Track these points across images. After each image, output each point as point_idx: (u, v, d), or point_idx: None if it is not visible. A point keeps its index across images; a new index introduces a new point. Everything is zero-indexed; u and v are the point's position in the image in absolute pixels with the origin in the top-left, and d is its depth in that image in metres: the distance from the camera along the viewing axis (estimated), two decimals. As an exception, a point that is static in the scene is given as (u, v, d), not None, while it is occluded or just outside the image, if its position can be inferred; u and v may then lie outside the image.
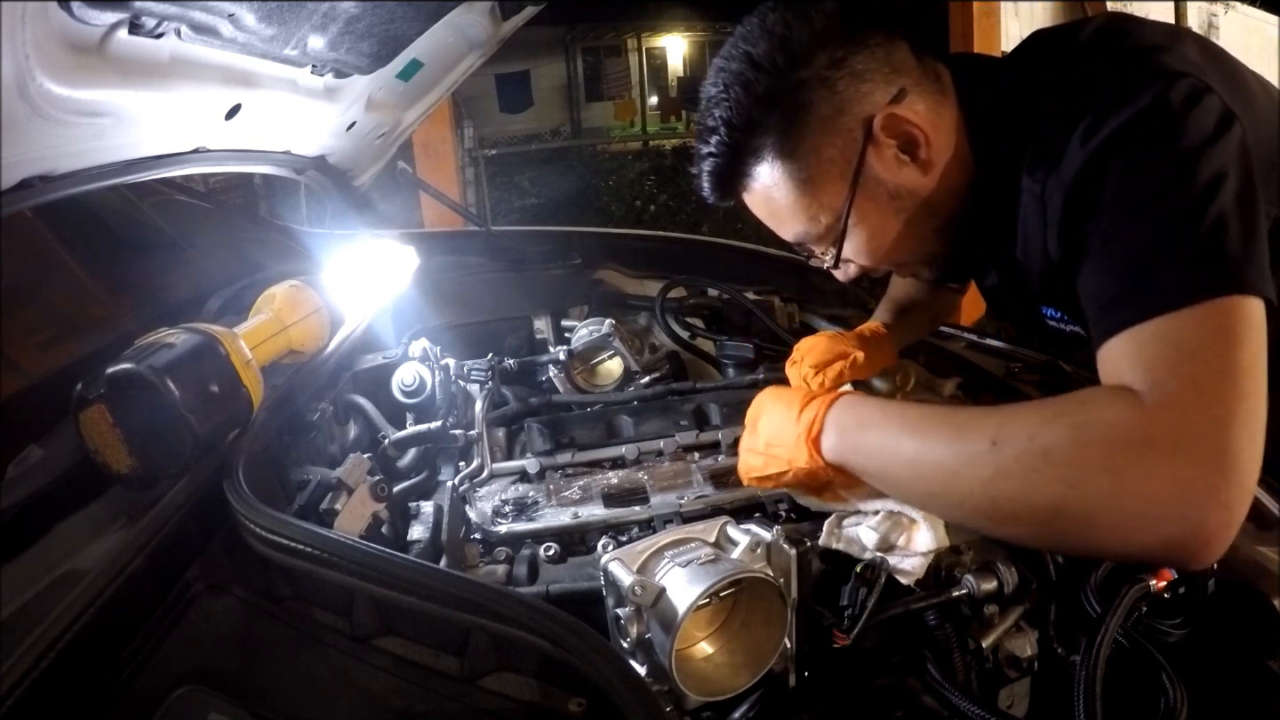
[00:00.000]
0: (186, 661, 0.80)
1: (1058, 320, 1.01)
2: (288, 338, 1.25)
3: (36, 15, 0.73)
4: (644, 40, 17.65)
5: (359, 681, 0.83)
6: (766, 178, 0.90)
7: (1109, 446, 0.64)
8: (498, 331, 1.84)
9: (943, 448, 0.73)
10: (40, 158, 0.86)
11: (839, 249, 0.92)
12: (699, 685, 0.81)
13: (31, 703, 0.67)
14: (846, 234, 0.90)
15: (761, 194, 0.92)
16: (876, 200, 0.88)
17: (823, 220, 0.90)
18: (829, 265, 0.99)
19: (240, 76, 1.10)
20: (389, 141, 1.79)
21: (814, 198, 0.88)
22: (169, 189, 1.72)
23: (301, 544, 0.82)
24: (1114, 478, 0.63)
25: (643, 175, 10.08)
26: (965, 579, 0.93)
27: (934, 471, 0.74)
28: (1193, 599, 0.93)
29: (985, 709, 0.84)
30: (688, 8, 16.69)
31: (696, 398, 1.37)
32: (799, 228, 0.93)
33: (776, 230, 0.97)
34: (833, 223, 0.90)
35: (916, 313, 1.37)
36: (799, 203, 0.90)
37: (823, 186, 0.87)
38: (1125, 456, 0.63)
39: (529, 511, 1.10)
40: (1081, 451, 0.65)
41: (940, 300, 1.40)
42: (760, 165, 0.89)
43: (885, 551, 0.91)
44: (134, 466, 0.87)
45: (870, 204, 0.88)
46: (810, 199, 0.89)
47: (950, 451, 0.72)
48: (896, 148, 0.86)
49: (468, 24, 1.50)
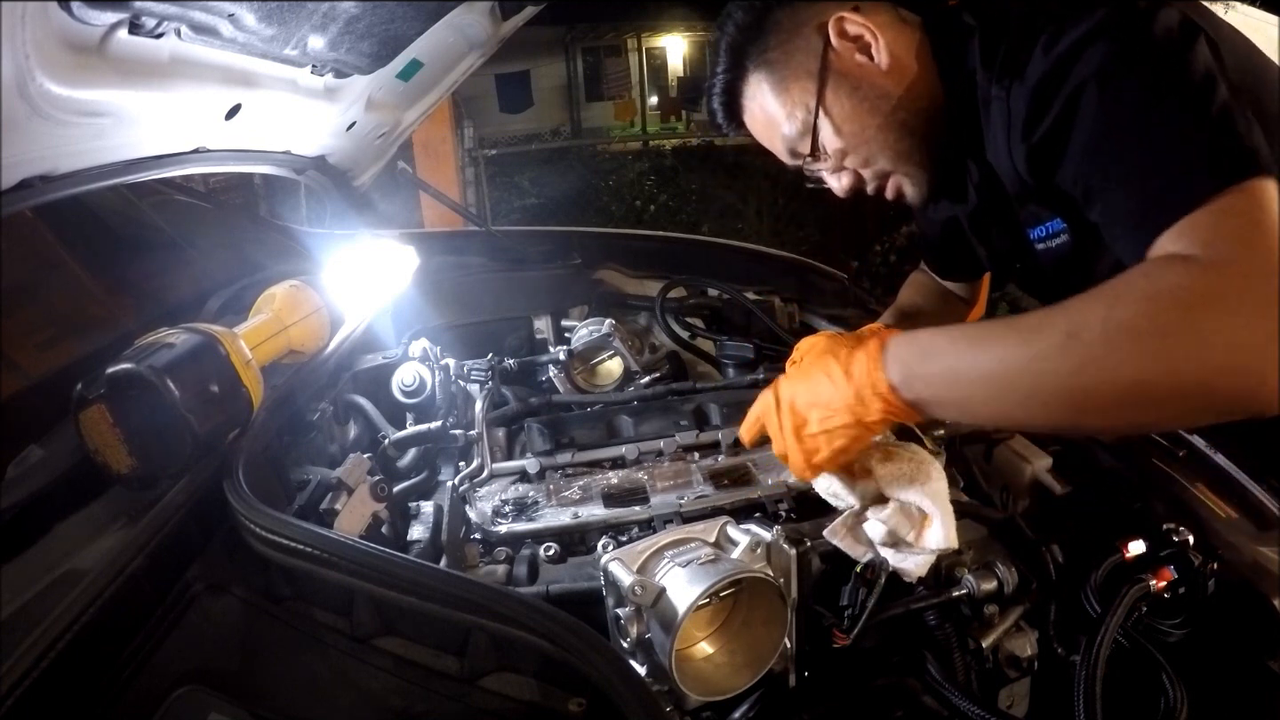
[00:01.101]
0: (186, 661, 0.80)
1: (1043, 239, 1.02)
2: (288, 338, 1.25)
3: (36, 15, 0.73)
4: (644, 40, 17.63)
5: (359, 681, 0.83)
6: (755, 89, 1.05)
7: (1185, 308, 0.65)
8: (498, 331, 1.84)
9: (1019, 353, 0.72)
10: (40, 158, 0.86)
11: (814, 139, 1.02)
12: (699, 685, 0.81)
13: (31, 703, 0.67)
14: (819, 119, 1.00)
15: (755, 107, 1.06)
16: (840, 91, 0.99)
17: (799, 116, 1.02)
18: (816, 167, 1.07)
19: (240, 76, 1.10)
20: (389, 141, 1.79)
21: (790, 95, 1.01)
22: (169, 189, 1.72)
23: (301, 544, 0.82)
24: (1197, 336, 0.64)
25: (643, 175, 10.07)
26: (965, 579, 0.93)
27: (1017, 379, 0.73)
28: (1193, 599, 0.93)
29: (985, 709, 0.84)
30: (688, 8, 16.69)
31: (696, 398, 1.37)
32: (784, 130, 1.04)
33: (772, 147, 1.09)
34: (806, 115, 1.01)
35: (920, 321, 1.37)
36: (779, 101, 1.03)
37: (795, 85, 1.01)
38: (1203, 313, 0.64)
39: (529, 511, 1.10)
40: (1161, 319, 0.65)
41: (947, 311, 1.40)
42: (749, 83, 1.05)
43: (892, 546, 0.90)
44: (134, 466, 0.87)
45: (835, 95, 1.00)
46: (787, 97, 1.02)
47: (1028, 355, 0.71)
48: (855, 49, 0.98)
49: (468, 24, 1.50)
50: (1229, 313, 0.64)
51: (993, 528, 1.04)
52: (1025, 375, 0.72)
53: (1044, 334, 0.71)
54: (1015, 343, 0.72)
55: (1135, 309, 0.66)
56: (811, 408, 0.88)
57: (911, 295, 1.42)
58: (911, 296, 1.41)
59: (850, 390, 0.84)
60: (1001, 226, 1.09)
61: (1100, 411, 0.71)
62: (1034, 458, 1.17)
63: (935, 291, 1.42)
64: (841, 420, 0.85)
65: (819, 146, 1.02)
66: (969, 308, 1.44)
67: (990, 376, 0.74)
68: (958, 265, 1.38)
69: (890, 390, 0.80)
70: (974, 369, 0.75)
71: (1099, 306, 0.68)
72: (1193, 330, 0.64)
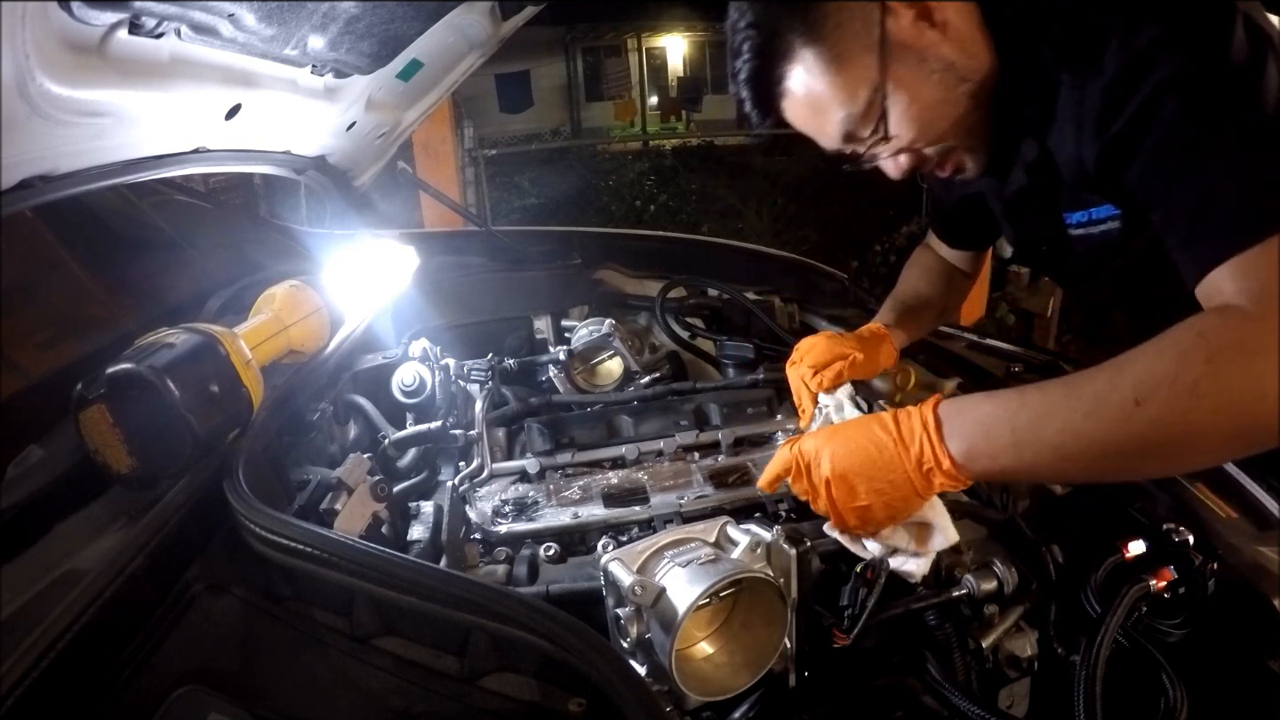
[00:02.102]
0: (186, 661, 0.80)
1: (1083, 224, 1.02)
2: (288, 338, 1.25)
3: (36, 15, 0.73)
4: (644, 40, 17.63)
5: (359, 681, 0.83)
6: (801, 69, 0.92)
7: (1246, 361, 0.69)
8: (498, 331, 1.84)
9: (1086, 425, 0.74)
10: (40, 158, 0.86)
11: (884, 122, 0.93)
12: (699, 685, 0.81)
13: (31, 703, 0.67)
14: (888, 101, 0.91)
15: (800, 90, 0.94)
16: (906, 64, 0.90)
17: (861, 95, 0.91)
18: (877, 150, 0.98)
19: (240, 76, 1.10)
20: (389, 141, 1.79)
21: (849, 73, 0.90)
22: (169, 189, 1.72)
23: (301, 544, 0.82)
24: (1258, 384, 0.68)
25: (643, 175, 10.07)
26: (965, 579, 0.93)
27: (1088, 448, 0.74)
28: (1193, 599, 0.93)
29: (985, 709, 0.84)
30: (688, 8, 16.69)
31: (696, 398, 1.37)
32: (841, 111, 0.93)
33: (820, 133, 0.98)
34: (871, 95, 0.91)
35: (920, 310, 1.37)
36: (836, 81, 0.91)
37: (854, 60, 0.90)
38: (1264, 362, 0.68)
39: (529, 511, 1.10)
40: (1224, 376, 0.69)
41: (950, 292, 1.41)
42: (792, 62, 0.92)
43: (890, 554, 0.90)
44: (134, 466, 0.87)
45: (902, 69, 0.90)
46: (846, 75, 0.91)
47: (1097, 426, 0.73)
48: (914, 15, 0.89)
49: (468, 24, 1.50)
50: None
51: (993, 528, 1.04)
52: (1095, 444, 0.74)
53: (1110, 402, 0.72)
54: (1082, 412, 0.74)
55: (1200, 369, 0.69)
56: (860, 479, 0.86)
57: (914, 281, 1.41)
58: (913, 283, 1.41)
59: (909, 465, 0.83)
60: (1039, 209, 1.07)
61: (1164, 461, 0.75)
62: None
63: (938, 272, 1.42)
64: (900, 493, 0.85)
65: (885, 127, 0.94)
66: (970, 281, 1.45)
67: (1058, 447, 0.75)
68: (970, 236, 1.38)
69: (954, 467, 0.81)
70: (1040, 441, 0.76)
71: (1164, 367, 0.71)
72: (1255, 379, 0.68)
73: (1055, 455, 0.76)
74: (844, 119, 0.94)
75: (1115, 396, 0.72)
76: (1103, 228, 1.00)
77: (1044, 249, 1.16)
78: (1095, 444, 0.73)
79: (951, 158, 1.01)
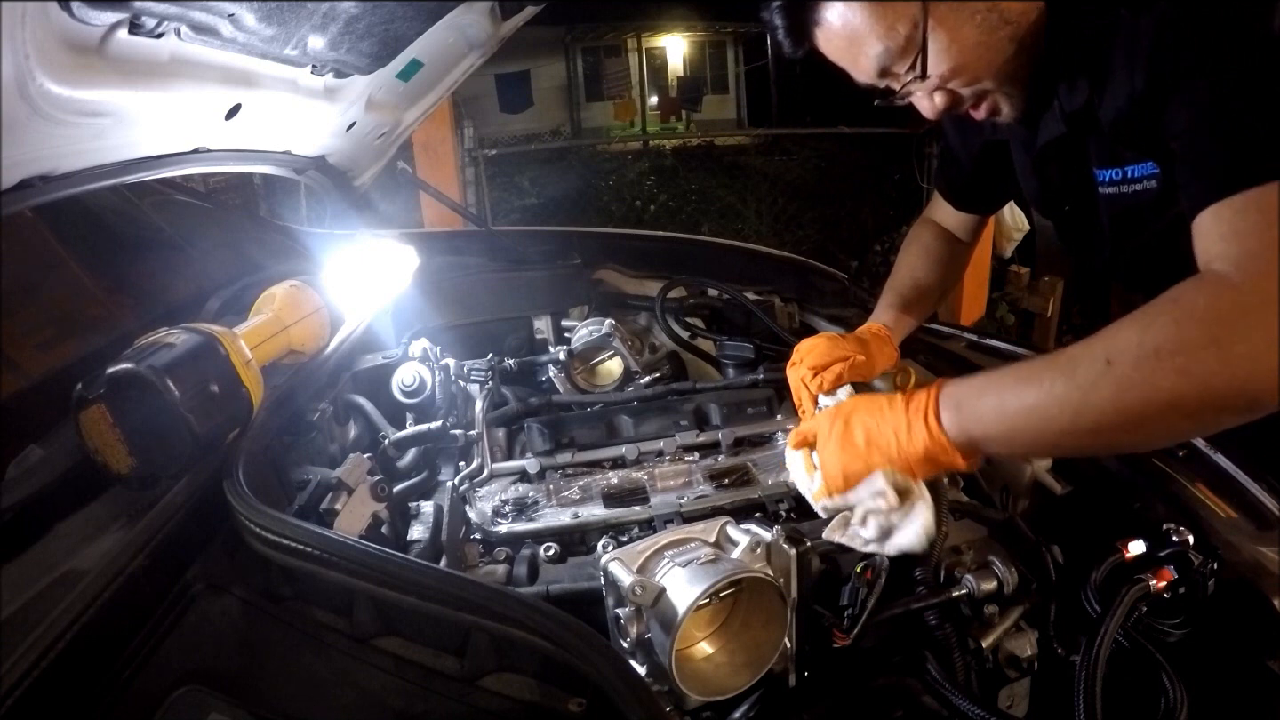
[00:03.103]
0: (186, 661, 0.79)
1: (1115, 183, 1.02)
2: (288, 338, 1.25)
3: (36, 15, 0.73)
4: (644, 40, 17.63)
5: (359, 681, 0.83)
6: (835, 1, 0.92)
7: (1208, 324, 0.70)
8: (498, 331, 1.84)
9: (1062, 385, 0.75)
10: (40, 158, 0.86)
11: (923, 58, 0.92)
12: (699, 685, 0.81)
13: (31, 703, 0.67)
14: (928, 38, 0.91)
15: (836, 21, 0.93)
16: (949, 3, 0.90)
17: (901, 30, 0.91)
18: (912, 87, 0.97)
19: (240, 76, 1.10)
20: (389, 141, 1.79)
21: (889, 7, 0.90)
22: (169, 189, 1.72)
23: (301, 544, 0.82)
24: (1219, 349, 0.68)
25: (643, 175, 10.08)
26: (965, 579, 0.93)
27: (1061, 409, 0.76)
28: (1193, 599, 0.93)
29: (985, 709, 0.84)
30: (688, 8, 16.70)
31: (696, 398, 1.37)
32: (878, 45, 0.93)
33: (854, 65, 0.97)
34: (911, 31, 0.91)
35: (919, 298, 1.37)
36: (875, 14, 0.91)
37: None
38: (1224, 327, 0.69)
39: (529, 511, 1.10)
40: (1186, 337, 0.70)
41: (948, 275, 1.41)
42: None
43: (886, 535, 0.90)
44: (134, 466, 0.87)
45: (944, 8, 0.90)
46: (886, 9, 0.90)
47: (1071, 385, 0.75)
48: None
49: (468, 24, 1.50)
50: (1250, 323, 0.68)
51: (993, 528, 1.04)
52: (1068, 405, 0.75)
53: (1084, 364, 0.74)
54: (1059, 375, 0.76)
55: (1166, 331, 0.71)
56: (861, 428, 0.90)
57: (911, 265, 1.40)
58: (911, 268, 1.40)
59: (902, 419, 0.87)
60: (1069, 162, 1.07)
61: (1140, 429, 0.75)
62: (1034, 458, 1.17)
63: (936, 252, 1.41)
64: (885, 443, 0.88)
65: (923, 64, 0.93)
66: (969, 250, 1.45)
67: (1036, 409, 0.77)
68: (980, 197, 1.38)
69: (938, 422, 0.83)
70: (1021, 403, 0.78)
71: (1134, 331, 0.73)
72: (1215, 343, 0.69)
73: (1035, 418, 0.78)
74: (880, 54, 0.93)
75: (1087, 359, 0.74)
76: (1138, 187, 1.00)
77: (1067, 208, 1.15)
78: (1069, 405, 0.75)
79: (987, 100, 1.00)
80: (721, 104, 18.22)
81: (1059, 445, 0.89)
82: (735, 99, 18.34)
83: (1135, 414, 0.72)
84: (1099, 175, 1.03)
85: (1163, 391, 0.70)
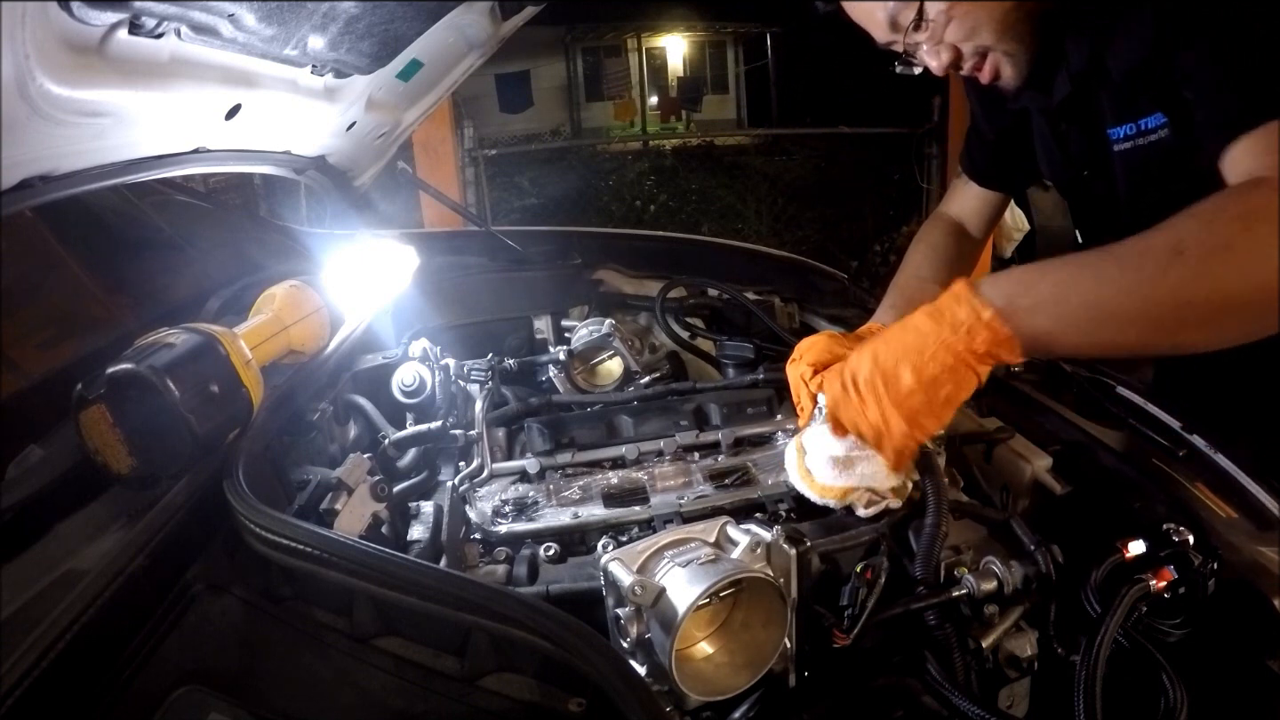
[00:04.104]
0: (186, 661, 0.79)
1: (1130, 138, 1.03)
2: (288, 338, 1.25)
3: (36, 15, 0.73)
4: (644, 40, 17.62)
5: (359, 681, 0.83)
6: None
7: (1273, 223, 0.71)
8: (498, 331, 1.84)
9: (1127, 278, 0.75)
10: (40, 158, 0.86)
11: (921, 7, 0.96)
12: (699, 685, 0.81)
13: (31, 703, 0.67)
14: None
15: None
16: None
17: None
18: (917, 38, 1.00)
19: (240, 76, 1.10)
20: (389, 141, 1.79)
21: None
22: (169, 189, 1.72)
23: (301, 544, 0.82)
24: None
25: (643, 175, 10.08)
26: (965, 579, 0.93)
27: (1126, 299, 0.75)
28: (1193, 599, 0.93)
29: (985, 709, 0.84)
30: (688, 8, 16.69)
31: (696, 398, 1.37)
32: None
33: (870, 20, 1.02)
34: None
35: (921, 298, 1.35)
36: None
37: None
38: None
39: (529, 511, 1.10)
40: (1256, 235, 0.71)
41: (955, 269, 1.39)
42: None
43: None
44: (134, 466, 0.87)
45: None
46: None
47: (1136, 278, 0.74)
48: None
49: (468, 24, 1.50)
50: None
51: (993, 528, 1.04)
52: (1133, 296, 0.74)
53: (1153, 254, 0.74)
54: (1121, 268, 0.76)
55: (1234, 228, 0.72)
56: (905, 365, 0.85)
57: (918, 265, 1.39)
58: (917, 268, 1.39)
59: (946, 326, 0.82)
60: (1083, 123, 1.08)
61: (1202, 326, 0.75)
62: (1034, 458, 1.17)
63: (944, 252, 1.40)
64: (942, 362, 0.83)
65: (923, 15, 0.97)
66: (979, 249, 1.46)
67: (1096, 302, 0.76)
68: (1003, 173, 1.39)
69: (995, 317, 0.80)
70: (1079, 295, 0.77)
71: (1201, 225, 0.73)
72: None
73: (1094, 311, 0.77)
74: (890, 7, 0.98)
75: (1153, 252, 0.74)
76: (1153, 138, 1.01)
77: (1085, 173, 1.16)
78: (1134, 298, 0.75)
79: (988, 61, 1.02)
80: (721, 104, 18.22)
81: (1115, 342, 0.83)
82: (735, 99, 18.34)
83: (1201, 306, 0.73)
84: (1113, 134, 1.04)
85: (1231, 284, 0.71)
